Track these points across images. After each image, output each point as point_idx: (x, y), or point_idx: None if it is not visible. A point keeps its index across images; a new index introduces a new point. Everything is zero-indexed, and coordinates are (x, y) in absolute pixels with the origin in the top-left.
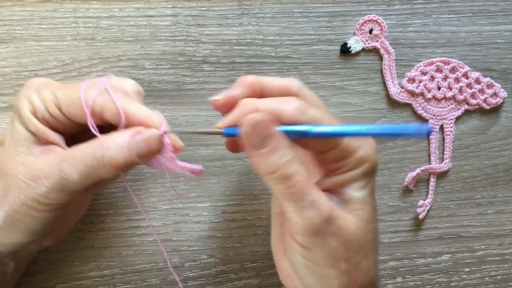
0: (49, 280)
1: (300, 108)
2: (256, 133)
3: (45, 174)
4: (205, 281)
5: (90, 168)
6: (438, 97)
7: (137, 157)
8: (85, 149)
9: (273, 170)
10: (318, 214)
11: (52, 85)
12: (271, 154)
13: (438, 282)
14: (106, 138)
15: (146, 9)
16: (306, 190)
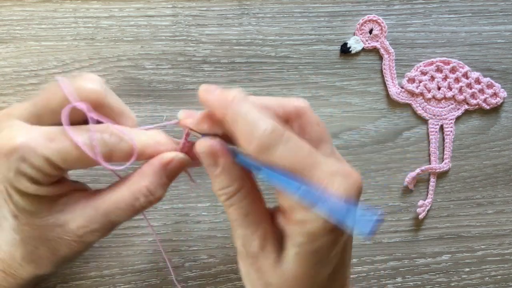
0: (49, 280)
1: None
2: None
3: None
4: (205, 281)
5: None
6: (438, 97)
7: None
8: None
9: (217, 194)
10: (246, 248)
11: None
12: (216, 180)
13: (438, 282)
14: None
15: (146, 9)
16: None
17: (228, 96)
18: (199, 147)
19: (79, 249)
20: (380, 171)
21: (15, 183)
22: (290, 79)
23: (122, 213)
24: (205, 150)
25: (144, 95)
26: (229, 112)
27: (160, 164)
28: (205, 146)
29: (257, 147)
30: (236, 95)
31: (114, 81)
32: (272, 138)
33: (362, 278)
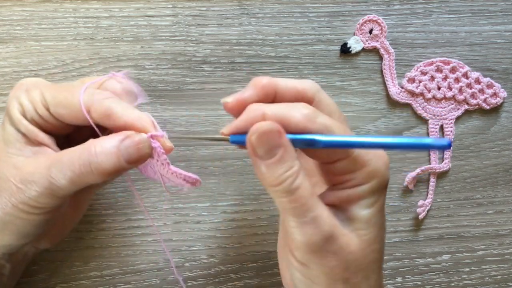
0: (49, 280)
1: (309, 115)
2: (262, 143)
3: (34, 179)
4: (205, 281)
5: (78, 175)
6: (438, 97)
7: (126, 163)
8: (73, 154)
9: (277, 183)
10: (318, 232)
11: (41, 85)
12: (277, 166)
13: (438, 282)
14: (94, 144)
15: (146, 9)
16: (309, 205)
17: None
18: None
19: (16, 198)
20: None
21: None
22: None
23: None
24: (269, 129)
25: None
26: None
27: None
28: (267, 125)
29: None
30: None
31: None
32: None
33: None
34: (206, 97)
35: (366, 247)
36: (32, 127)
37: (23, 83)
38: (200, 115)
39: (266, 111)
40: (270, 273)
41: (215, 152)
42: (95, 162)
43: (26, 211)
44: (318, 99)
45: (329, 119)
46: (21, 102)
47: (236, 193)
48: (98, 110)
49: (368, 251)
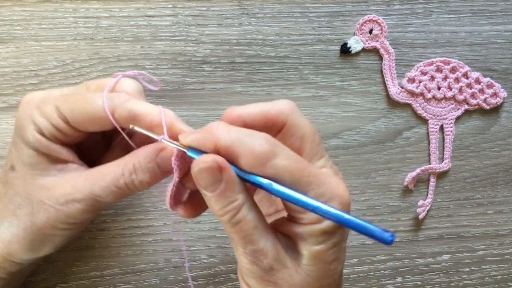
0: (49, 280)
1: (262, 156)
2: (202, 178)
3: (76, 199)
4: (205, 281)
5: (123, 191)
6: (438, 97)
7: (163, 174)
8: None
9: (220, 214)
10: (259, 263)
11: (50, 99)
12: (217, 200)
13: (438, 282)
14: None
15: (146, 9)
16: (250, 238)
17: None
18: (200, 162)
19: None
20: (380, 171)
21: (23, 130)
22: (290, 79)
23: (105, 187)
24: (209, 165)
25: (144, 95)
26: (220, 139)
27: (153, 149)
28: (207, 160)
29: (259, 159)
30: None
31: None
32: (271, 146)
33: (362, 278)
34: (206, 97)
35: (312, 282)
36: (54, 145)
37: (31, 99)
38: (200, 115)
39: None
40: None
41: None
42: (136, 179)
43: (64, 228)
44: (291, 122)
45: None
46: (35, 121)
47: None
48: (122, 114)
49: (314, 286)
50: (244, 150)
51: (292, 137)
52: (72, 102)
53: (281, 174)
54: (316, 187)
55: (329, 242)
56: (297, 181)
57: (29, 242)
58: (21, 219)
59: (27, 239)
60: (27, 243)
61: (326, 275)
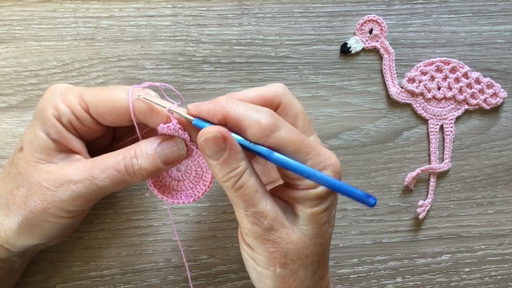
0: (49, 280)
1: (267, 128)
2: (207, 146)
3: (73, 180)
4: (205, 281)
5: (122, 175)
6: (438, 97)
7: (164, 164)
8: (116, 157)
9: (223, 180)
10: (259, 223)
11: (76, 88)
12: (222, 166)
13: (438, 282)
14: (135, 147)
15: (146, 9)
16: (252, 201)
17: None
18: (206, 132)
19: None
20: (380, 171)
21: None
22: (290, 79)
23: (105, 168)
24: (214, 135)
25: None
26: (229, 112)
27: (155, 138)
28: (212, 131)
29: (265, 131)
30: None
31: (114, 81)
32: (275, 120)
33: (362, 278)
34: (206, 97)
35: (307, 240)
36: (66, 132)
37: (56, 88)
38: None
39: (229, 112)
40: None
41: None
42: (136, 164)
43: (57, 215)
44: (285, 102)
45: (288, 131)
46: (57, 106)
47: None
48: (141, 107)
49: (308, 243)
50: (252, 122)
51: (287, 116)
52: (95, 92)
53: (284, 144)
54: (313, 156)
55: (322, 205)
56: (297, 151)
57: (18, 225)
58: (16, 199)
59: (17, 221)
60: (16, 225)
61: (319, 234)
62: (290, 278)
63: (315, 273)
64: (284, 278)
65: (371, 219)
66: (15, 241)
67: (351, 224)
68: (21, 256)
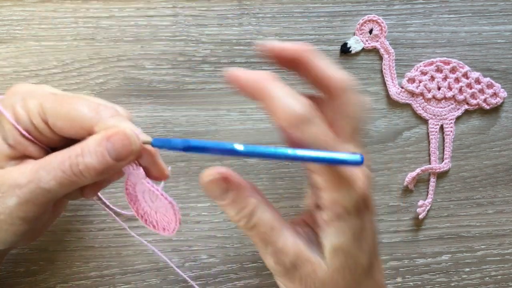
0: (49, 280)
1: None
2: (211, 189)
3: (18, 184)
4: (205, 281)
5: (68, 175)
6: (438, 97)
7: (114, 161)
8: (61, 156)
9: (236, 220)
10: (280, 262)
11: (38, 94)
12: (229, 208)
13: (438, 282)
14: (81, 144)
15: (146, 9)
16: (270, 239)
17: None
18: (205, 176)
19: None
20: (380, 171)
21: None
22: (290, 79)
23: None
24: (212, 178)
25: (144, 95)
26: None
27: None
28: (212, 173)
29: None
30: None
31: (114, 81)
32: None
33: None
34: (206, 97)
35: (335, 274)
36: (22, 139)
37: (18, 91)
38: (200, 115)
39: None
40: (270, 273)
41: None
42: (82, 162)
43: (8, 222)
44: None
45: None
46: (16, 111)
47: None
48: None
49: (337, 278)
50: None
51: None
52: (57, 103)
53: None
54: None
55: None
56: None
57: None
58: None
59: None
60: None
61: (348, 268)
62: None
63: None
64: None
65: None
66: None
67: None
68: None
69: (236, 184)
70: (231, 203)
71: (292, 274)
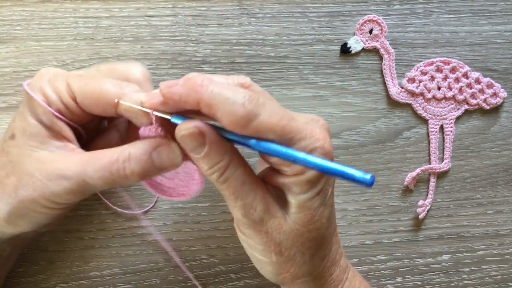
0: (49, 280)
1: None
2: (187, 142)
3: (66, 175)
4: (205, 281)
5: (114, 177)
6: (438, 97)
7: (157, 170)
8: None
9: (208, 174)
10: (250, 215)
11: (64, 75)
12: (203, 161)
13: (438, 282)
14: (129, 148)
15: (146, 9)
16: (240, 194)
17: (195, 82)
18: (182, 129)
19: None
20: (380, 171)
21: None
22: (290, 79)
23: (98, 169)
24: (190, 132)
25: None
26: (204, 97)
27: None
28: (188, 127)
29: (240, 121)
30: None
31: None
32: (252, 106)
33: None
34: None
35: (300, 228)
36: (56, 120)
37: (44, 73)
38: None
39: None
40: None
41: None
42: (128, 168)
43: (46, 206)
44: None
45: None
46: (46, 93)
47: None
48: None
49: (302, 231)
50: (227, 111)
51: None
52: (83, 82)
53: (264, 132)
54: (298, 141)
55: (314, 190)
56: (280, 137)
57: (7, 213)
58: (6, 188)
59: (6, 210)
60: (5, 214)
61: (313, 220)
62: (288, 264)
63: (313, 257)
64: (281, 265)
65: (371, 219)
66: (4, 229)
67: (351, 224)
68: (10, 244)
69: (211, 139)
70: (205, 157)
71: (259, 227)
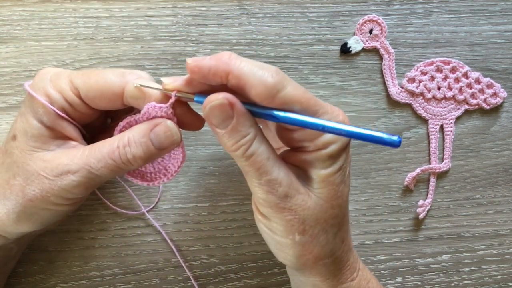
0: (49, 280)
1: (273, 87)
2: (214, 115)
3: (71, 170)
4: (205, 281)
5: (118, 164)
6: (438, 97)
7: (157, 150)
8: (109, 145)
9: (233, 150)
10: (274, 192)
11: (65, 73)
12: (230, 135)
13: (438, 282)
14: (127, 134)
15: (146, 9)
16: (264, 169)
17: (223, 56)
18: (212, 99)
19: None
20: (380, 171)
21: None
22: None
23: (100, 158)
24: (220, 102)
25: None
26: (233, 69)
27: (148, 124)
28: (218, 97)
29: (270, 90)
30: (230, 54)
31: None
32: (280, 77)
33: None
34: None
35: (324, 204)
36: (61, 120)
37: (45, 73)
38: None
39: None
40: (270, 273)
41: (215, 152)
42: (129, 152)
43: (56, 203)
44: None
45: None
46: (48, 93)
47: (236, 193)
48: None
49: (326, 207)
50: (256, 82)
51: None
52: (86, 76)
53: (291, 103)
54: (322, 114)
55: (336, 165)
56: (306, 108)
57: (17, 214)
58: (14, 188)
59: (16, 210)
60: (15, 214)
61: (336, 196)
62: (311, 244)
63: (336, 236)
64: (304, 245)
65: (371, 219)
66: (13, 229)
67: (351, 224)
68: (18, 243)
69: (239, 111)
70: (231, 131)
71: (283, 204)
